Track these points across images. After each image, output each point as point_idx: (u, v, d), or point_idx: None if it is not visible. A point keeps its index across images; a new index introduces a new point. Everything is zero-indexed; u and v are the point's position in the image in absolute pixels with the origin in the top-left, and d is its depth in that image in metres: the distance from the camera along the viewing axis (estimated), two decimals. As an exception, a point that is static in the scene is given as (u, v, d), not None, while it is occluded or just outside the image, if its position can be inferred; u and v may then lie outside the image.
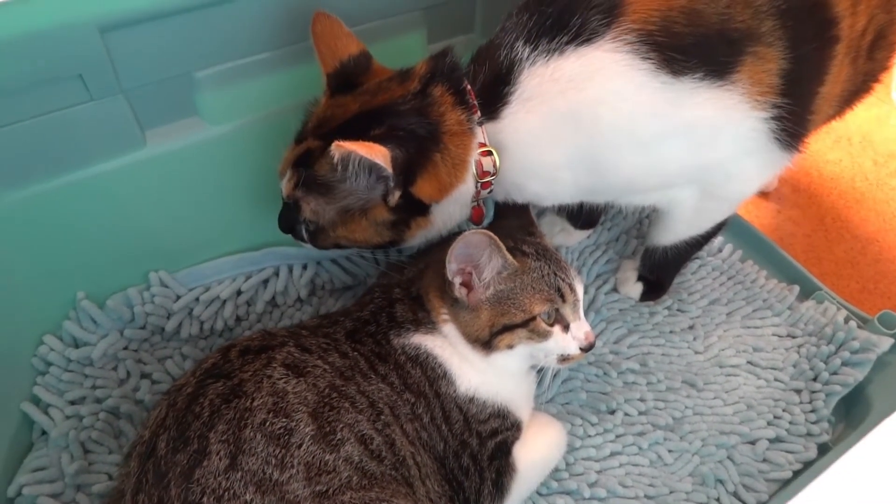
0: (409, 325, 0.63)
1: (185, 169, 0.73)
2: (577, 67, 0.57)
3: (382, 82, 0.63)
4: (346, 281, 0.85)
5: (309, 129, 0.64)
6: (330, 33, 0.63)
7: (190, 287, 0.79)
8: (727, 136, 0.61)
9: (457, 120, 0.60)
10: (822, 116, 0.71)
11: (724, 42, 0.57)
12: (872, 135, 1.21)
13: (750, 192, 0.73)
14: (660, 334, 0.84)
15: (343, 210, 0.63)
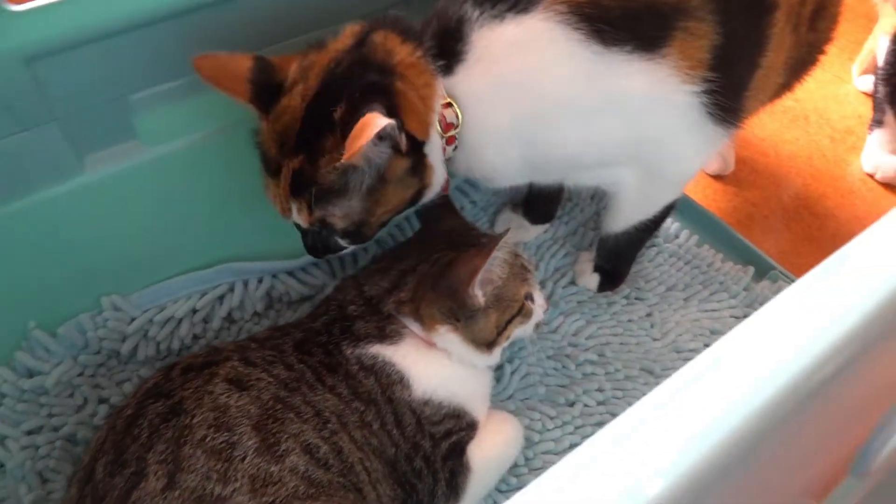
0: (372, 338, 0.64)
1: (127, 192, 0.73)
2: (517, 34, 0.59)
3: (303, 64, 0.61)
4: (303, 292, 0.85)
5: (274, 155, 0.61)
6: (218, 67, 0.60)
7: (144, 308, 0.79)
8: (659, 110, 0.62)
9: (408, 52, 0.60)
10: (770, 87, 0.72)
11: (653, 16, 0.59)
12: (829, 112, 1.22)
13: (690, 172, 0.74)
14: (618, 324, 0.85)
15: (368, 192, 0.61)
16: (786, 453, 0.26)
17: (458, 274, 0.61)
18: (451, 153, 0.65)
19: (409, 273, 0.65)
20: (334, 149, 0.57)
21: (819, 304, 0.27)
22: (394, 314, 0.64)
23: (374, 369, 0.62)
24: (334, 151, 0.57)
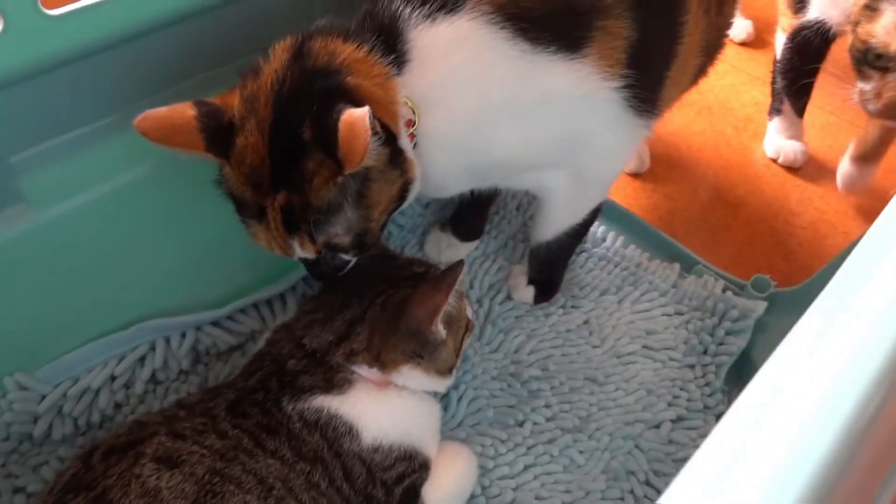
0: (317, 390, 0.61)
1: (20, 261, 0.66)
2: (449, 34, 0.58)
3: (245, 96, 0.56)
4: (231, 341, 0.80)
5: (251, 199, 0.57)
6: (163, 125, 0.55)
7: (55, 383, 0.73)
8: (584, 108, 0.64)
9: (352, 49, 0.57)
10: (689, 72, 0.75)
11: (572, 16, 0.60)
12: (730, 102, 1.27)
13: (617, 168, 0.76)
14: (557, 335, 0.85)
15: (358, 198, 0.57)
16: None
17: (416, 315, 0.60)
18: (410, 153, 0.62)
19: (358, 322, 0.62)
20: (320, 168, 0.53)
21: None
22: (343, 364, 0.61)
23: (319, 424, 0.59)
24: (322, 170, 0.53)
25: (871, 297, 0.24)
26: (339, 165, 0.52)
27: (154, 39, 0.65)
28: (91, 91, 0.64)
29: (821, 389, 0.21)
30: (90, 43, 0.59)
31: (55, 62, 0.58)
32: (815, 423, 0.20)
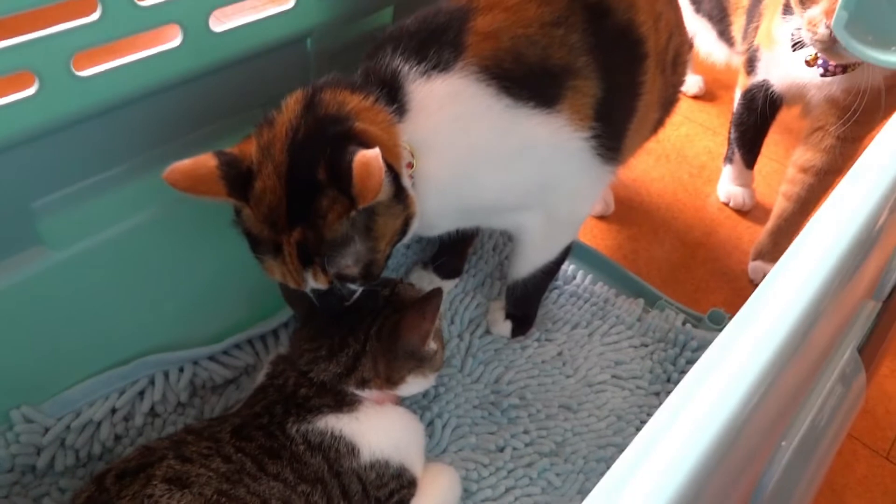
0: (326, 409, 0.67)
1: (35, 299, 0.70)
2: (443, 90, 0.65)
3: (262, 144, 0.61)
4: (227, 375, 0.85)
5: (267, 236, 0.61)
6: (189, 177, 0.60)
7: (58, 416, 0.76)
8: (558, 155, 0.72)
9: (359, 99, 0.63)
10: (648, 124, 0.84)
11: (547, 76, 0.69)
12: (685, 150, 1.39)
13: (585, 211, 0.85)
14: (533, 366, 0.92)
15: (365, 230, 0.62)
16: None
17: (411, 341, 0.68)
18: (411, 191, 0.67)
19: (361, 356, 0.68)
20: (334, 204, 0.58)
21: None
22: (356, 390, 0.68)
23: (322, 446, 0.64)
24: (335, 206, 0.58)
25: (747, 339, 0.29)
26: (352, 201, 0.57)
27: (167, 95, 0.71)
28: (108, 140, 0.69)
29: (704, 405, 0.26)
30: (112, 100, 0.65)
31: (81, 117, 0.64)
32: (696, 431, 0.25)
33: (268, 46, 0.76)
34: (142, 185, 0.74)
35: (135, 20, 0.62)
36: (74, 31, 0.58)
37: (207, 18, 0.68)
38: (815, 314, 0.26)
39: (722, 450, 0.22)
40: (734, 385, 0.23)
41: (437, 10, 0.69)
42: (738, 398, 0.23)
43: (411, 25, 0.68)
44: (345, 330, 0.70)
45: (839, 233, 0.29)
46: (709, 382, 0.25)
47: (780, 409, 0.26)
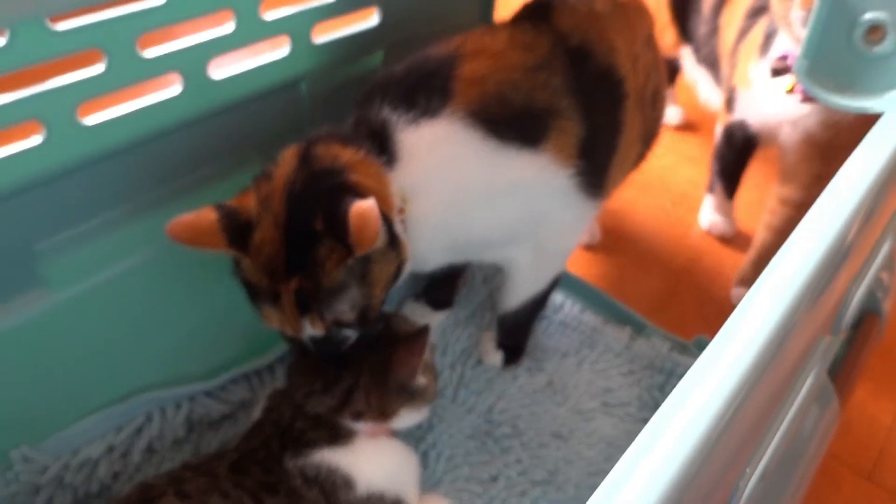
0: (322, 442, 0.68)
1: (35, 340, 0.72)
2: (432, 135, 0.68)
3: (260, 197, 0.63)
4: (224, 410, 0.86)
5: (266, 285, 0.63)
6: (190, 230, 0.62)
7: (57, 455, 0.77)
8: (545, 192, 0.75)
9: (352, 153, 0.65)
10: (630, 159, 0.88)
11: (531, 118, 0.72)
12: (667, 180, 1.43)
13: (572, 243, 0.87)
14: (525, 395, 0.93)
15: (361, 277, 0.63)
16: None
17: (401, 376, 0.70)
18: (403, 235, 0.69)
19: (354, 390, 0.70)
20: (331, 253, 0.61)
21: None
22: (350, 423, 0.70)
23: (319, 479, 0.65)
24: (333, 255, 0.61)
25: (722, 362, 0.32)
26: (349, 250, 0.60)
27: (167, 139, 0.74)
28: (109, 183, 0.71)
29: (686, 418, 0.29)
30: (115, 145, 0.68)
31: (85, 162, 0.66)
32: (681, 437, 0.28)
33: (264, 91, 0.80)
34: (141, 225, 0.76)
35: (138, 70, 0.65)
36: (81, 82, 0.61)
37: (207, 66, 0.71)
38: (776, 346, 0.28)
39: (690, 476, 0.24)
40: (702, 413, 0.26)
41: (425, 57, 0.73)
42: (705, 425, 0.25)
43: (400, 72, 0.72)
44: (339, 363, 0.72)
45: (798, 271, 0.32)
46: (680, 411, 0.27)
47: (745, 436, 0.28)
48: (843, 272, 0.33)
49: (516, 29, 0.78)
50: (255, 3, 0.72)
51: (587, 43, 0.78)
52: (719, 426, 0.25)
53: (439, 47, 0.74)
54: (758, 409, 0.27)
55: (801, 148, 0.97)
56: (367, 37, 0.88)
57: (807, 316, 0.28)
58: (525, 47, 0.74)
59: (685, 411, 0.26)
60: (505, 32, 0.76)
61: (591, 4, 0.81)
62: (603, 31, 0.80)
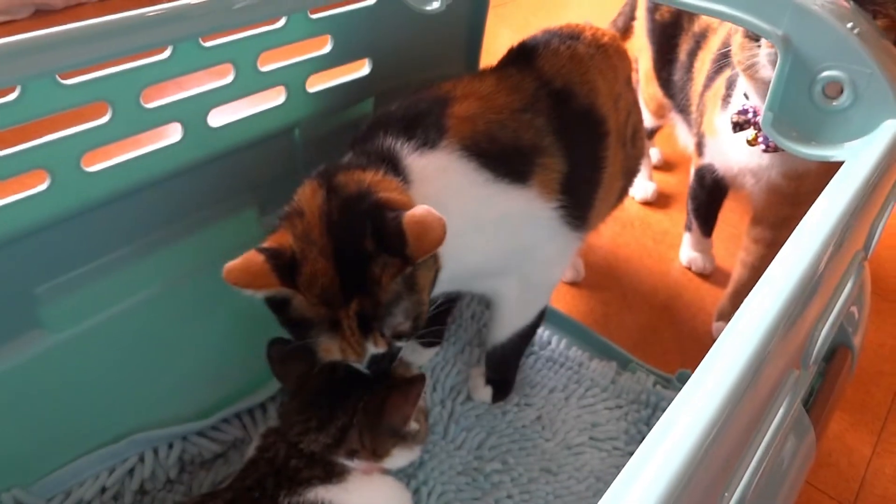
0: (316, 480, 0.69)
1: (30, 381, 0.73)
2: (431, 165, 0.71)
3: (298, 233, 0.64)
4: (216, 450, 0.86)
5: (325, 314, 0.64)
6: (243, 274, 0.62)
7: (48, 497, 0.77)
8: (532, 225, 0.78)
9: (372, 175, 0.67)
10: (613, 193, 0.92)
11: (518, 155, 0.75)
12: (648, 218, 1.47)
13: (557, 275, 0.91)
14: (514, 430, 0.95)
15: (408, 286, 0.64)
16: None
17: (394, 421, 0.72)
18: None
19: (349, 428, 0.71)
20: (385, 268, 0.62)
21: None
22: (344, 461, 0.71)
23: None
24: (388, 269, 0.62)
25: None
26: (405, 260, 0.61)
27: (167, 184, 0.76)
28: (109, 227, 0.73)
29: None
30: (117, 191, 0.70)
31: (87, 208, 0.68)
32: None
33: (260, 137, 0.83)
34: (137, 268, 0.78)
35: (141, 121, 0.68)
36: (86, 132, 0.64)
37: (206, 115, 0.74)
38: (750, 378, 0.31)
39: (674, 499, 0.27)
40: (683, 441, 0.29)
41: (417, 98, 0.76)
42: (686, 452, 0.28)
43: (396, 111, 0.75)
44: (334, 401, 0.74)
45: (768, 310, 0.35)
46: (663, 442, 0.30)
47: (724, 461, 0.31)
48: (811, 310, 0.36)
49: (503, 74, 0.82)
50: (254, 57, 0.75)
51: (570, 84, 0.82)
52: (699, 453, 0.27)
53: (431, 90, 0.78)
54: (735, 436, 0.30)
55: (767, 196, 1.01)
56: (358, 85, 0.92)
57: (777, 350, 0.31)
58: (511, 90, 0.78)
59: (667, 442, 0.29)
60: (492, 77, 0.81)
61: (574, 48, 0.86)
62: (585, 72, 0.84)
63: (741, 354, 0.31)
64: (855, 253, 0.45)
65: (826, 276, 0.38)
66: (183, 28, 0.64)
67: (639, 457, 0.29)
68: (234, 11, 0.66)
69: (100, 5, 2.35)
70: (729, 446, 0.30)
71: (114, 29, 0.59)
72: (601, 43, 0.89)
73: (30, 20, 2.19)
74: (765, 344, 0.31)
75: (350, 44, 0.86)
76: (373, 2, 0.86)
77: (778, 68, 0.57)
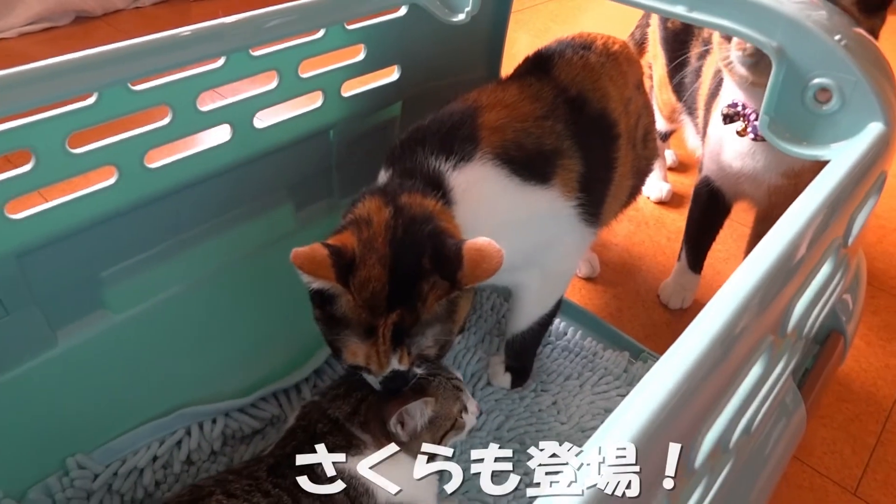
0: (339, 450, 0.74)
1: (94, 357, 0.80)
2: (469, 177, 0.76)
3: (363, 239, 0.69)
4: (255, 426, 0.94)
5: (366, 318, 0.67)
6: (308, 261, 0.66)
7: (107, 463, 0.85)
8: (554, 221, 0.84)
9: (433, 203, 0.73)
10: (624, 192, 0.97)
11: (542, 158, 0.81)
12: (663, 218, 1.53)
13: (573, 267, 0.97)
14: (531, 414, 1.01)
15: (448, 312, 0.69)
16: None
17: (384, 415, 0.75)
18: None
19: (364, 401, 0.77)
20: (433, 288, 0.67)
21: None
22: (356, 433, 0.76)
23: (343, 483, 0.73)
24: (435, 289, 0.67)
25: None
26: (454, 284, 0.66)
27: (215, 180, 0.84)
28: (166, 218, 0.81)
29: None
30: (174, 186, 0.78)
31: (148, 200, 0.76)
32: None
33: (298, 138, 0.90)
34: (188, 256, 0.86)
35: (197, 122, 0.76)
36: (150, 132, 0.72)
37: (252, 118, 0.82)
38: (726, 337, 0.37)
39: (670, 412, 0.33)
40: (675, 369, 0.35)
41: (448, 111, 0.82)
42: (675, 380, 0.34)
43: (430, 126, 0.80)
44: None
45: (746, 281, 0.41)
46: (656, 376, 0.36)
47: (703, 405, 0.37)
48: (788, 286, 0.42)
49: (523, 83, 0.88)
50: (296, 64, 0.83)
51: (583, 92, 0.88)
52: (682, 391, 0.34)
53: (458, 102, 0.84)
54: (717, 382, 0.36)
55: (770, 198, 1.05)
56: (388, 90, 0.99)
57: (753, 315, 0.37)
58: (533, 99, 0.85)
59: (655, 381, 0.35)
60: (514, 86, 0.87)
61: (586, 57, 0.92)
62: (597, 80, 0.90)
63: (721, 315, 0.37)
64: (833, 240, 0.51)
65: (802, 257, 0.44)
66: (236, 40, 0.71)
67: (634, 393, 0.35)
68: (281, 25, 0.74)
69: (135, 12, 2.46)
70: (711, 391, 0.37)
71: (177, 42, 0.67)
72: (611, 52, 0.95)
73: (70, 26, 2.30)
74: (742, 309, 0.37)
75: (381, 52, 0.93)
76: (403, 13, 0.94)
77: (773, 76, 0.62)
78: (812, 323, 0.53)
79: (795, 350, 0.52)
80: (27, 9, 2.17)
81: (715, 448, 0.38)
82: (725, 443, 0.39)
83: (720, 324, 0.37)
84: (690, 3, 0.65)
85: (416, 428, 0.77)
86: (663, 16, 0.97)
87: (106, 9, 2.35)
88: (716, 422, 0.37)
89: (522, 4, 2.60)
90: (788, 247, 0.43)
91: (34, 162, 0.64)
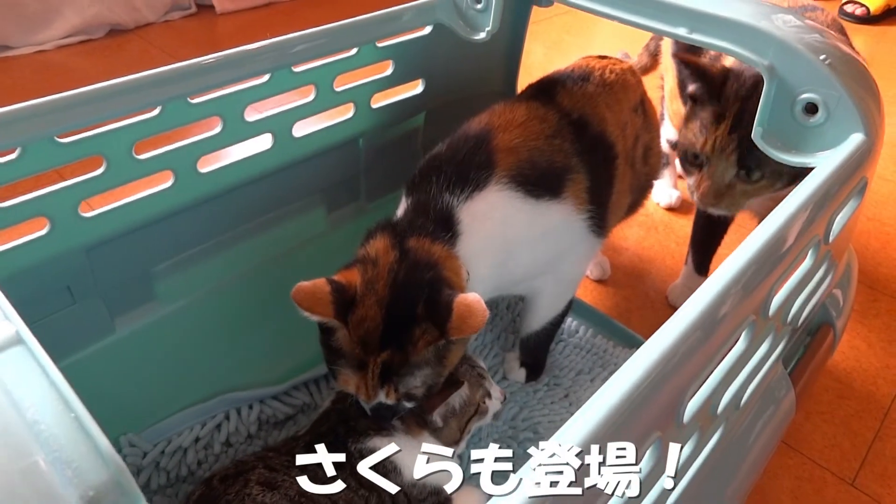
0: (371, 431, 0.81)
1: (146, 345, 0.88)
2: (483, 205, 0.82)
3: (366, 279, 0.72)
4: (288, 412, 1.01)
5: (359, 354, 0.71)
6: (308, 297, 0.70)
7: (155, 443, 0.92)
8: (566, 232, 0.91)
9: (440, 249, 0.77)
10: (622, 207, 1.04)
11: (553, 175, 0.88)
12: (672, 223, 1.59)
13: (582, 272, 1.04)
14: (544, 406, 1.08)
15: (439, 358, 0.72)
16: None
17: (426, 406, 0.81)
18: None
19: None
20: (425, 334, 0.70)
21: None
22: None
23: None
24: (426, 336, 0.70)
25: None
26: (443, 333, 0.69)
27: (256, 184, 0.92)
28: (211, 218, 0.89)
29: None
30: (221, 189, 0.86)
31: (198, 202, 0.84)
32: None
33: (331, 146, 0.98)
34: (231, 253, 0.94)
35: (241, 132, 0.84)
36: (203, 140, 0.80)
37: (292, 127, 0.90)
38: (711, 313, 0.44)
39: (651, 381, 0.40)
40: (661, 344, 0.42)
41: (463, 135, 0.87)
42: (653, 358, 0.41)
43: (447, 153, 0.85)
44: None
45: (730, 268, 0.48)
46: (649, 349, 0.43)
47: (689, 373, 0.43)
48: (771, 274, 0.49)
49: (530, 105, 0.94)
50: (332, 79, 0.91)
51: (584, 116, 0.95)
52: (669, 358, 0.41)
53: (472, 124, 0.90)
54: (704, 353, 0.43)
55: (770, 203, 1.09)
56: (413, 102, 1.07)
57: (735, 296, 0.44)
58: (540, 120, 0.91)
59: (644, 352, 0.42)
60: (522, 107, 0.93)
61: (584, 87, 0.99)
62: (595, 107, 0.97)
63: (710, 294, 0.44)
64: (813, 236, 0.57)
65: (783, 249, 0.51)
66: (281, 58, 0.79)
67: (630, 362, 0.42)
68: (320, 45, 0.82)
69: (165, 25, 2.57)
70: (699, 359, 0.43)
71: (230, 61, 0.75)
72: (608, 81, 1.02)
73: (105, 39, 2.41)
74: (727, 289, 0.44)
75: (407, 67, 1.01)
76: (428, 31, 1.01)
77: (765, 91, 0.69)
78: (797, 312, 0.59)
79: (781, 336, 0.58)
80: (64, 22, 2.29)
81: (703, 408, 0.44)
82: (714, 406, 0.45)
83: (709, 300, 0.44)
84: (691, 25, 0.72)
85: (453, 413, 0.84)
86: (666, 36, 1.04)
87: (138, 22, 2.46)
88: (703, 386, 0.44)
89: (537, 17, 2.66)
90: (770, 239, 0.49)
91: (105, 166, 0.72)
